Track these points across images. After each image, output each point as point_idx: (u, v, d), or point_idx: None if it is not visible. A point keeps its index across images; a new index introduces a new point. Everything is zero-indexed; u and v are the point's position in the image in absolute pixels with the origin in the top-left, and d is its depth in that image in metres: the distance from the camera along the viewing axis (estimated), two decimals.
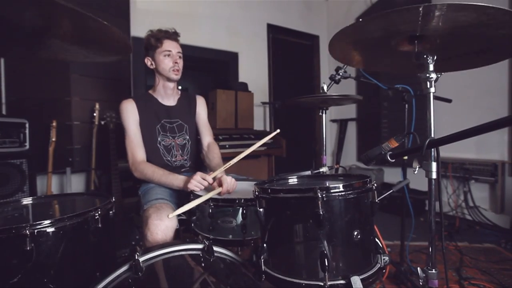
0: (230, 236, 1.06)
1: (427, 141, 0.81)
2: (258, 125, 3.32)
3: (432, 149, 0.90)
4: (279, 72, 3.80)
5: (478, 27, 0.79)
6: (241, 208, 1.04)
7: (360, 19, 0.84)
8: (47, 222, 0.72)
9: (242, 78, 3.34)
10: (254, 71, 3.49)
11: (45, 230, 0.71)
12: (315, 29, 4.09)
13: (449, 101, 1.66)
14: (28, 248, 0.67)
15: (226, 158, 1.53)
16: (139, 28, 2.68)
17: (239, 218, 1.05)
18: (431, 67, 0.94)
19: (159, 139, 1.42)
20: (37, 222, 0.70)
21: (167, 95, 1.48)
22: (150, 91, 1.50)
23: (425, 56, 0.93)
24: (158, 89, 1.46)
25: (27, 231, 0.67)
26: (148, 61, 1.44)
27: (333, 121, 4.11)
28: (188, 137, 1.49)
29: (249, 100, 2.99)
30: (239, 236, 1.05)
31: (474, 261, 1.84)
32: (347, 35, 0.94)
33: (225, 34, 3.29)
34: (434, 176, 0.92)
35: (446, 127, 1.58)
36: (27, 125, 1.88)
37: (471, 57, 0.98)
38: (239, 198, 1.04)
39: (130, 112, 1.38)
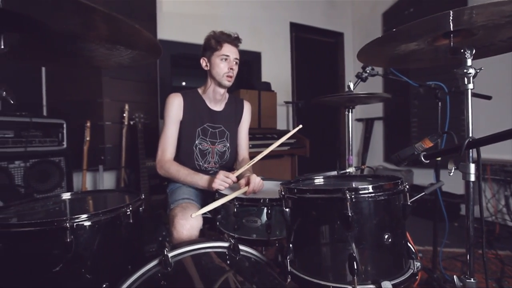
0: (255, 235, 1.06)
1: (467, 141, 0.76)
2: (281, 125, 3.31)
3: (471, 150, 0.84)
4: (303, 71, 3.75)
5: None
6: (265, 208, 1.04)
7: (394, 29, 0.81)
8: (84, 216, 0.76)
9: (265, 77, 3.34)
10: (277, 71, 3.48)
11: (83, 224, 0.76)
12: (339, 26, 3.99)
13: (489, 98, 1.54)
14: (68, 240, 0.72)
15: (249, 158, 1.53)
16: (164, 31, 2.78)
17: (264, 217, 1.05)
18: (469, 62, 0.87)
19: (196, 142, 1.39)
20: (76, 216, 0.75)
21: (216, 100, 1.43)
22: (200, 90, 1.45)
23: (462, 50, 0.87)
24: (208, 92, 1.42)
25: (67, 224, 0.72)
26: (203, 62, 1.39)
27: (358, 120, 3.98)
28: (228, 145, 1.45)
29: (272, 100, 2.98)
30: (264, 236, 1.05)
31: None
32: (376, 44, 0.91)
33: (247, 34, 3.29)
34: (472, 178, 0.86)
35: (483, 126, 1.47)
36: (64, 125, 2.02)
37: None
38: (264, 198, 1.04)
39: (174, 109, 1.35)
